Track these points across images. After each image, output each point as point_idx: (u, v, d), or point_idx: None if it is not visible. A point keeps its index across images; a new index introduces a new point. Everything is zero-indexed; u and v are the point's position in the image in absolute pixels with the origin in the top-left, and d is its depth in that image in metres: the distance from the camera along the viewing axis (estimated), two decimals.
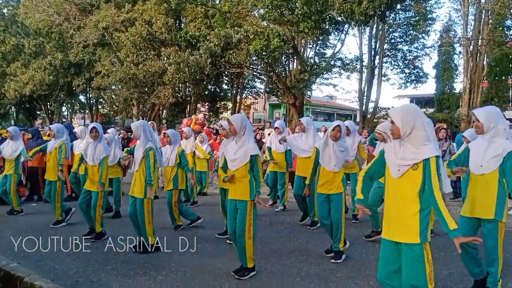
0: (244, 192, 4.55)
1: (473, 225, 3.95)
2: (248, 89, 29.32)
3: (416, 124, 3.00)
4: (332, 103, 47.05)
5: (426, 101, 40.14)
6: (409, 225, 2.99)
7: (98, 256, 5.38)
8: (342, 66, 25.29)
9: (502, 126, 3.86)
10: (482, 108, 4.08)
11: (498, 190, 3.80)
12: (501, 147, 3.78)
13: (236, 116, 4.80)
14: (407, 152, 3.02)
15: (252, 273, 4.63)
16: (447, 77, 31.01)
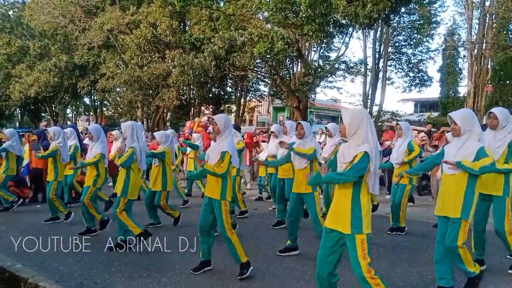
0: (216, 190, 4.63)
1: (446, 224, 4.08)
2: (252, 92, 29.35)
3: (360, 127, 3.29)
4: (336, 106, 46.90)
5: (430, 105, 40.08)
6: (344, 216, 3.31)
7: (102, 258, 5.40)
8: (346, 69, 25.30)
9: (477, 129, 4.01)
10: (458, 111, 4.21)
11: (466, 190, 3.95)
12: (470, 148, 3.94)
13: (221, 115, 4.90)
14: (350, 152, 3.33)
15: (251, 268, 4.65)
16: (451, 80, 30.98)
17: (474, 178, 3.96)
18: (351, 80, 28.80)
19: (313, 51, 23.94)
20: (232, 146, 4.70)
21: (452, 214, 3.98)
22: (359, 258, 3.22)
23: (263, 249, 5.91)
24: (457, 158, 3.97)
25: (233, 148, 4.71)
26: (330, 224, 3.40)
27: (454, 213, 3.97)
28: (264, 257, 5.50)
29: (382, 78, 26.51)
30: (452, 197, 4.00)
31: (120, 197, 5.66)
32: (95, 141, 6.56)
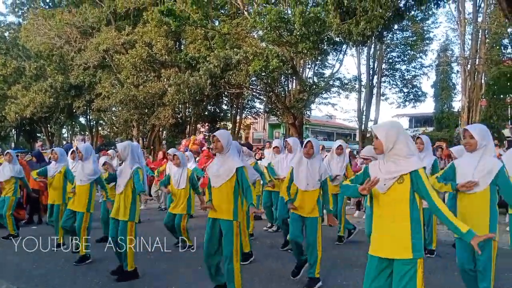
0: (228, 211, 4.35)
1: (470, 247, 3.81)
2: (247, 109, 29.44)
3: (398, 139, 2.99)
4: (331, 123, 47.20)
5: (425, 120, 40.29)
6: (401, 240, 2.93)
7: (98, 279, 5.33)
8: (341, 85, 25.47)
9: (492, 145, 3.90)
10: (475, 125, 4.08)
11: (491, 208, 3.80)
12: (490, 164, 3.79)
13: (222, 131, 4.63)
14: (391, 166, 3.01)
15: None
16: (445, 96, 31.21)
17: (495, 195, 3.84)
18: (346, 96, 29.13)
19: (307, 68, 24.12)
20: (242, 160, 4.53)
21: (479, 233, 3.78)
22: None
23: (263, 270, 5.85)
24: (476, 176, 3.81)
25: (242, 161, 4.54)
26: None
27: (481, 232, 3.65)
28: (264, 277, 5.43)
29: (376, 94, 26.72)
30: (477, 217, 3.81)
31: (128, 221, 5.29)
32: (87, 160, 6.24)
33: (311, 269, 5.04)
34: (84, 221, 6.13)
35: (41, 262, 6.02)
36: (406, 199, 2.95)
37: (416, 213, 2.96)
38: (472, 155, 3.92)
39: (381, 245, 3.03)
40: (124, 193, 5.34)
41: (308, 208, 5.07)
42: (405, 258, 2.91)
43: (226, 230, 4.34)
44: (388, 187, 3.00)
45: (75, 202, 6.24)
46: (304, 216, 5.11)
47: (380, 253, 3.02)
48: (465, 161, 4.00)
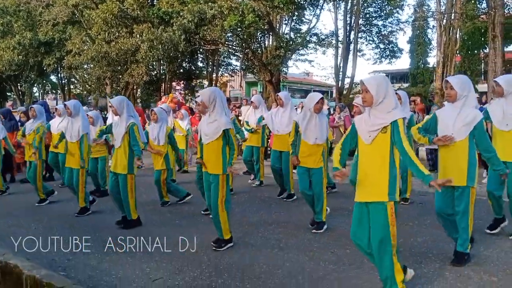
0: (217, 166, 4.58)
1: (448, 193, 4.04)
2: (224, 66, 29.00)
3: (388, 93, 3.18)
4: (308, 80, 46.95)
5: (401, 76, 40.46)
6: (379, 185, 3.18)
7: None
8: (318, 41, 25.16)
9: (473, 95, 3.97)
10: (456, 76, 4.14)
11: (469, 157, 3.92)
12: (471, 115, 3.87)
13: (204, 90, 4.81)
14: (377, 118, 3.20)
15: (229, 245, 4.71)
16: (421, 51, 31.26)
17: (474, 144, 3.93)
18: (323, 52, 28.74)
19: (284, 24, 23.73)
20: (229, 121, 4.62)
21: (458, 182, 3.90)
22: None
23: (238, 220, 5.91)
24: (456, 127, 3.90)
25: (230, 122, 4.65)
26: None
27: (460, 181, 3.91)
28: (239, 228, 5.51)
29: (353, 50, 26.55)
30: (456, 166, 3.94)
31: (127, 174, 5.53)
32: (75, 117, 6.25)
33: (318, 215, 5.32)
34: (80, 176, 6.27)
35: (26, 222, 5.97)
36: (387, 149, 3.17)
37: (393, 162, 3.18)
38: (453, 106, 4.00)
39: (362, 191, 3.29)
40: (122, 147, 5.50)
41: (314, 160, 5.29)
42: (379, 201, 3.17)
43: (213, 182, 4.61)
44: (372, 139, 3.20)
45: (69, 159, 6.36)
46: (310, 167, 5.31)
47: (361, 198, 3.29)
48: (446, 112, 4.08)
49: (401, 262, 3.32)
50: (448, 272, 3.90)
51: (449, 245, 4.33)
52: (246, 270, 4.09)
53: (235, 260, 4.35)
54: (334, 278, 3.83)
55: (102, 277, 3.97)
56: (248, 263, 4.27)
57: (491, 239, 4.75)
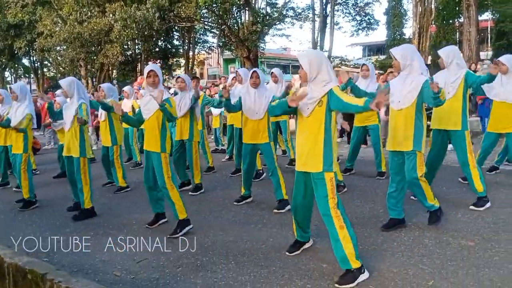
0: (156, 143, 4.47)
1: (398, 158, 4.21)
2: (200, 44, 28.63)
3: (321, 69, 3.27)
4: (286, 55, 46.71)
5: (378, 48, 40.64)
6: (316, 156, 3.31)
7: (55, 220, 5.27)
8: (295, 15, 24.97)
9: (417, 63, 4.04)
10: (398, 47, 4.22)
11: (415, 123, 4.04)
12: (415, 82, 3.98)
13: (150, 65, 4.72)
14: (313, 92, 3.30)
15: (188, 227, 4.51)
16: (397, 23, 31.35)
17: (421, 110, 4.04)
18: (300, 26, 28.59)
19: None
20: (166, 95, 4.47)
21: (405, 147, 4.09)
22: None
23: (221, 197, 5.95)
24: (403, 93, 4.04)
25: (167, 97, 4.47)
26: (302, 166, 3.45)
27: (406, 146, 4.07)
28: (222, 204, 5.55)
29: (330, 23, 26.44)
30: (403, 131, 4.08)
31: (80, 157, 5.22)
32: (22, 101, 5.97)
33: (277, 191, 5.25)
34: (23, 162, 5.93)
35: None
36: (322, 120, 3.29)
37: (329, 133, 3.31)
38: (401, 75, 4.14)
39: (300, 160, 3.44)
40: (72, 129, 5.25)
41: (258, 135, 5.21)
42: (316, 171, 3.32)
43: (155, 162, 4.49)
44: (310, 111, 3.32)
45: (13, 144, 6.05)
46: (257, 143, 5.26)
47: (300, 168, 3.45)
48: (396, 81, 4.23)
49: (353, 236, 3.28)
50: (428, 239, 4.00)
51: (426, 216, 4.42)
52: (230, 247, 4.11)
53: (219, 238, 4.37)
54: (318, 250, 3.89)
55: (86, 261, 3.95)
56: (232, 240, 4.30)
57: (467, 206, 4.87)
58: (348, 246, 3.23)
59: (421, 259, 3.60)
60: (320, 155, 3.29)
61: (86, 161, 5.30)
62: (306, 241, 3.91)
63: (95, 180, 5.90)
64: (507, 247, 3.72)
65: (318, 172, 3.32)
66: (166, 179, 4.45)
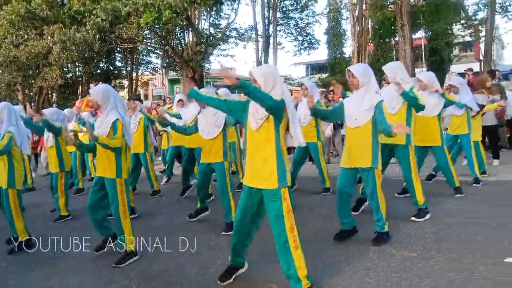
0: (110, 169, 4.28)
1: (352, 175, 4.30)
2: (144, 65, 28.25)
3: (276, 84, 3.21)
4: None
5: (320, 67, 41.73)
6: (268, 172, 3.22)
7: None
8: (238, 36, 25.30)
9: (374, 82, 4.19)
10: (356, 65, 4.38)
11: (372, 140, 4.13)
12: (371, 100, 4.08)
13: (96, 88, 4.50)
14: None
15: (135, 258, 4.36)
16: (337, 42, 32.36)
17: (376, 128, 4.11)
18: (243, 47, 28.87)
19: (203, 19, 23.56)
20: (119, 116, 4.29)
21: (363, 164, 4.15)
22: None
23: (166, 222, 5.82)
24: (360, 111, 4.09)
25: (121, 117, 4.31)
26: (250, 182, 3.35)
27: (365, 163, 4.14)
28: (169, 228, 5.42)
29: (273, 43, 26.97)
30: (360, 148, 4.13)
31: (8, 189, 4.92)
32: None
33: (227, 215, 5.17)
34: None
35: None
36: (272, 136, 3.21)
37: (280, 149, 3.23)
38: (357, 93, 4.22)
39: (252, 176, 3.33)
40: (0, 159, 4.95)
41: (212, 154, 5.15)
42: (271, 188, 3.21)
43: (110, 188, 4.29)
44: (259, 126, 3.24)
45: None
46: (210, 162, 5.19)
47: (251, 183, 3.33)
48: (352, 99, 4.29)
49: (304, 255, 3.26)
50: (372, 252, 4.09)
51: (372, 227, 4.52)
52: (176, 272, 4.01)
53: (163, 266, 4.23)
54: (264, 272, 3.87)
55: None
56: (178, 265, 4.19)
57: (409, 217, 5.03)
58: (301, 267, 3.21)
59: (366, 272, 3.66)
60: (274, 171, 3.20)
61: (15, 192, 4.99)
62: (240, 266, 3.70)
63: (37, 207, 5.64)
64: (446, 256, 3.86)
65: (272, 189, 3.21)
66: (120, 207, 4.26)
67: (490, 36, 21.24)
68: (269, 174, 3.20)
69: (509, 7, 22.13)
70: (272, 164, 3.20)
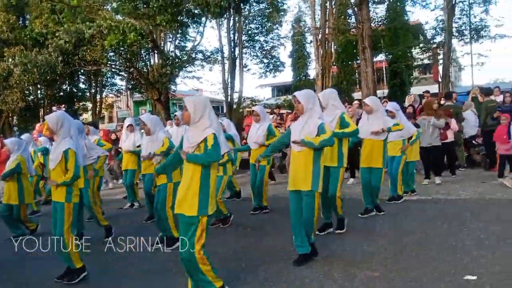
0: (60, 193, 4.32)
1: (299, 198, 4.36)
2: (108, 87, 27.98)
3: (205, 113, 3.41)
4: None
5: (286, 89, 42.27)
6: (191, 198, 3.36)
7: None
8: (204, 58, 25.47)
9: (318, 108, 4.38)
10: (301, 91, 4.50)
11: (314, 164, 4.25)
12: (312, 124, 4.24)
13: (51, 115, 4.52)
14: (194, 136, 3.43)
15: (84, 274, 4.43)
16: (301, 64, 32.95)
17: (319, 152, 4.25)
18: (210, 69, 29.04)
19: (169, 41, 23.64)
20: (71, 143, 4.32)
21: (304, 187, 4.25)
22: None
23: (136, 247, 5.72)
24: (302, 136, 4.22)
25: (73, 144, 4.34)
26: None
27: (305, 186, 4.24)
28: (136, 254, 5.31)
29: (239, 65, 27.25)
30: (302, 172, 4.25)
31: None
32: None
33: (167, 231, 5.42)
34: None
35: None
36: (199, 166, 3.36)
37: (205, 178, 3.37)
38: (302, 118, 4.38)
39: (179, 203, 3.44)
40: None
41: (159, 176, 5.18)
42: (190, 215, 3.35)
43: (59, 211, 4.33)
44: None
45: None
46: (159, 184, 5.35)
47: (177, 210, 3.45)
48: (296, 124, 4.45)
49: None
50: (337, 273, 4.12)
51: (338, 248, 4.58)
52: None
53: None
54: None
55: None
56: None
57: (372, 237, 5.13)
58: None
59: None
60: (195, 200, 3.34)
61: None
62: None
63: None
64: (407, 276, 3.94)
65: (191, 215, 3.35)
66: (65, 228, 4.30)
67: (447, 59, 22.19)
68: (191, 202, 3.35)
69: (465, 31, 23.26)
70: (194, 193, 3.35)
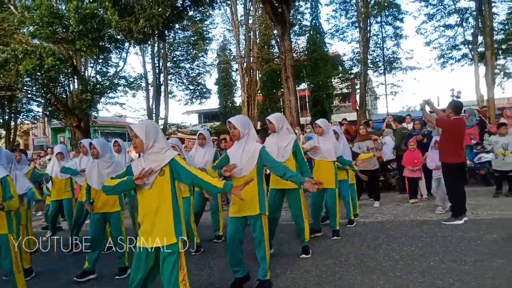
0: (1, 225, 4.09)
1: (241, 223, 4.34)
2: (23, 113, 26.46)
3: (157, 137, 3.23)
4: (122, 123, 45.77)
5: (212, 115, 42.47)
6: (166, 228, 3.15)
7: None
8: (127, 84, 24.97)
9: (254, 132, 4.41)
10: (236, 117, 4.54)
11: (258, 187, 4.26)
12: (253, 148, 4.26)
13: None
14: (153, 162, 3.20)
15: None
16: (227, 92, 33.39)
17: (262, 175, 4.27)
18: (133, 95, 28.39)
19: (90, 67, 22.95)
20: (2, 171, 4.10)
21: (252, 212, 4.21)
22: None
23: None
24: (243, 160, 4.20)
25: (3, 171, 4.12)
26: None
27: (253, 211, 4.20)
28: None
29: (164, 92, 27.04)
30: (247, 197, 4.12)
31: None
32: None
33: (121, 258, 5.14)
34: None
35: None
36: (168, 190, 3.18)
37: (176, 201, 3.20)
38: (239, 143, 4.37)
39: (148, 236, 3.19)
40: None
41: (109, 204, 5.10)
42: (170, 244, 3.13)
43: (3, 243, 4.13)
44: (152, 182, 3.18)
45: None
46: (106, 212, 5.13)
47: (148, 244, 3.18)
48: (234, 149, 4.42)
49: None
50: None
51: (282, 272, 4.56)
52: None
53: None
54: None
55: None
56: None
57: (295, 262, 5.19)
58: None
59: None
60: (171, 226, 3.15)
61: None
62: None
63: None
64: None
65: (170, 244, 3.13)
66: (14, 263, 4.12)
67: (364, 88, 23.53)
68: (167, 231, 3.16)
69: (379, 63, 24.91)
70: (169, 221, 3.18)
